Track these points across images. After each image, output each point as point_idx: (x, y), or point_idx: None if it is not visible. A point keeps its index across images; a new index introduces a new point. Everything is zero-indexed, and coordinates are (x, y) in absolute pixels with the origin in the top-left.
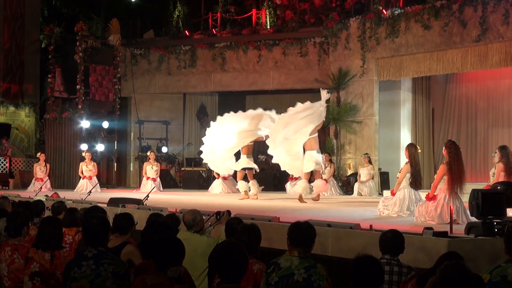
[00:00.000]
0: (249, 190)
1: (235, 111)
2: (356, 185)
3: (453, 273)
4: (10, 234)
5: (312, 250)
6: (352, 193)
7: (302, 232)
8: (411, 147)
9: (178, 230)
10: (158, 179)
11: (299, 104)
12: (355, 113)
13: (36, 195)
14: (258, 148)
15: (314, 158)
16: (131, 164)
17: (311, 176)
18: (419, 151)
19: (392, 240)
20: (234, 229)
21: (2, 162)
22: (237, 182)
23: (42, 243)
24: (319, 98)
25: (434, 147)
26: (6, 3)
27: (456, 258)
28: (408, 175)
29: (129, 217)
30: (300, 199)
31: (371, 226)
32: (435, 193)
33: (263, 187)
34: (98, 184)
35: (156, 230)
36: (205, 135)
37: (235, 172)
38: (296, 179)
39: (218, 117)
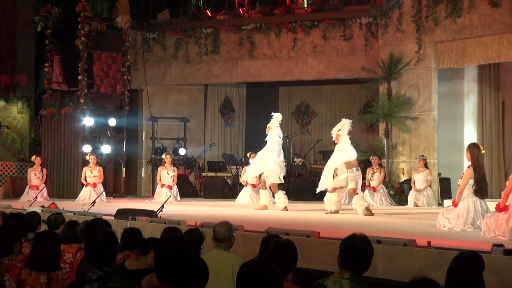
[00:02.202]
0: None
1: (266, 105)
2: (411, 194)
3: None
4: (0, 252)
5: None
6: (406, 203)
7: (358, 249)
8: (473, 148)
9: (201, 249)
10: (175, 186)
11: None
12: (410, 108)
13: (30, 206)
14: (294, 150)
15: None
16: (143, 169)
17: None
18: (483, 152)
19: (471, 268)
20: (268, 245)
21: None
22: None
23: (36, 263)
24: (365, 90)
25: (505, 148)
26: None
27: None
28: (472, 181)
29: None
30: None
31: (429, 242)
32: (506, 203)
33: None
34: (104, 193)
35: (173, 248)
36: (230, 133)
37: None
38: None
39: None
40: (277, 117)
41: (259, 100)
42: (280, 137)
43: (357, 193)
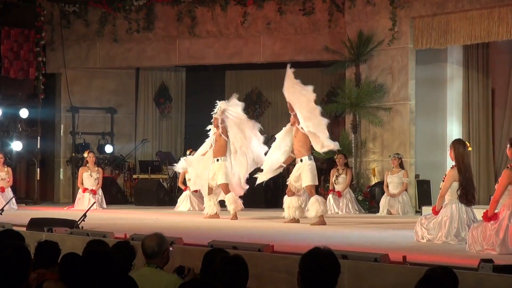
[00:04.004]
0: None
1: (210, 94)
2: (383, 200)
3: None
4: None
5: None
6: (378, 211)
7: (321, 266)
8: (457, 145)
9: (132, 266)
10: (100, 191)
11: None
12: (382, 96)
13: None
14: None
15: None
16: (61, 170)
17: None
18: (470, 149)
19: (442, 281)
20: (212, 262)
21: None
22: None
23: None
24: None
25: (495, 145)
26: None
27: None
28: (456, 184)
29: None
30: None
31: (404, 257)
32: (496, 211)
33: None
34: (13, 199)
35: (97, 265)
36: (166, 127)
37: None
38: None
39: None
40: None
41: (202, 87)
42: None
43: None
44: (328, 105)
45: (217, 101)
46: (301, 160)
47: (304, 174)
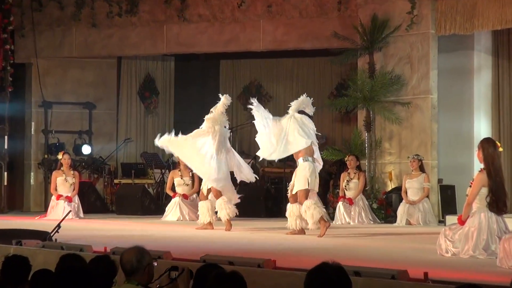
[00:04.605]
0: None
1: (202, 86)
2: (401, 208)
3: None
4: None
5: None
6: (395, 221)
7: (330, 284)
8: (486, 145)
9: (113, 283)
10: (76, 198)
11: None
12: (400, 89)
13: None
14: (241, 147)
15: None
16: (32, 174)
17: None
18: (500, 150)
19: None
20: (205, 280)
21: None
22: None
23: None
24: (338, 65)
25: None
26: None
27: None
28: (485, 190)
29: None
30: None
31: (426, 274)
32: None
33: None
34: None
35: (73, 282)
36: (153, 124)
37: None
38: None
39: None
40: (224, 101)
41: (193, 79)
42: (226, 127)
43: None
44: (338, 100)
45: (220, 95)
46: (297, 163)
47: (295, 178)
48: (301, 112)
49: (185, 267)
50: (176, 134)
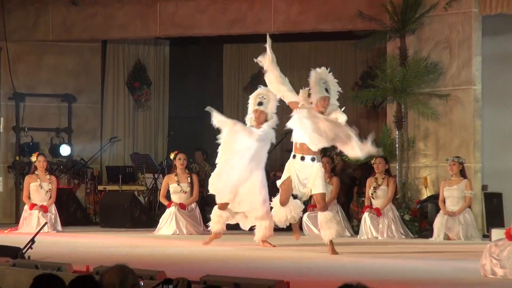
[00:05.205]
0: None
1: (203, 75)
2: (438, 220)
3: None
4: None
5: None
6: (431, 235)
7: None
8: None
9: None
10: (54, 208)
11: None
12: (437, 79)
13: None
14: None
15: None
16: (1, 178)
17: None
18: None
19: None
20: None
21: None
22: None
23: None
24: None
25: None
26: None
27: None
28: None
29: None
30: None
31: None
32: None
33: None
34: None
35: None
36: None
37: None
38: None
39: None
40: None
41: (191, 67)
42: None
43: None
44: (363, 91)
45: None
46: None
47: (313, 180)
48: None
49: (182, 278)
50: (170, 133)
